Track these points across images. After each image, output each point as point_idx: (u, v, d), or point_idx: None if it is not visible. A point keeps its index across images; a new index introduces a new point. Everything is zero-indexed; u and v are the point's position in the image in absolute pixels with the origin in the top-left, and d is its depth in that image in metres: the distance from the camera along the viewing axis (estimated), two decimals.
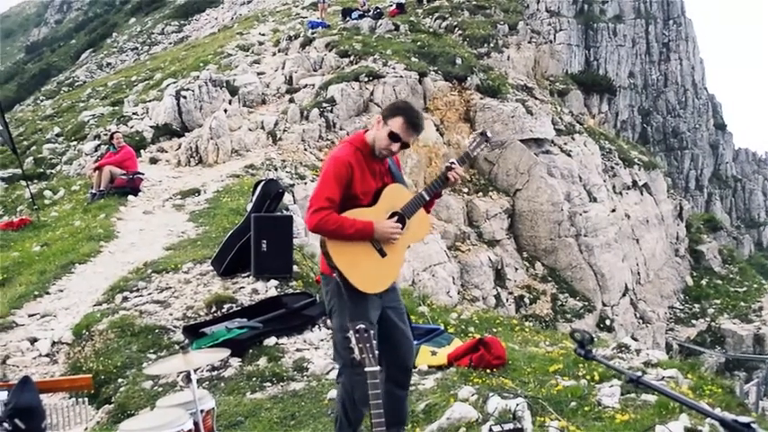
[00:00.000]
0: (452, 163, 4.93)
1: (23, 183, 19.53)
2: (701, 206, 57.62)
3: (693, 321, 30.37)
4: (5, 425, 4.00)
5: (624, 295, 27.18)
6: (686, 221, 36.50)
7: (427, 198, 4.93)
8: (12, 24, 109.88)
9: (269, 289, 9.78)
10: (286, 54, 29.58)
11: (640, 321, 27.54)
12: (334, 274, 4.79)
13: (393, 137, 4.80)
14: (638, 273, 29.63)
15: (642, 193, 32.41)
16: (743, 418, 2.45)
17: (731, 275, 34.65)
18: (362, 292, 4.75)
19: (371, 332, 3.94)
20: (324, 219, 4.63)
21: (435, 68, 27.18)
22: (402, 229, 4.85)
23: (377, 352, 3.89)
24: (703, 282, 33.36)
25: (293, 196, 16.37)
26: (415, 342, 7.89)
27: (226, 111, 22.82)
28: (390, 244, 4.81)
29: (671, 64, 61.55)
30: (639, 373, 2.82)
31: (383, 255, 4.80)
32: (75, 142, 24.57)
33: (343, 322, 4.76)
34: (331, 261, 4.74)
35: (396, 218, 4.84)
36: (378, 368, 3.85)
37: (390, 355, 4.90)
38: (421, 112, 5.01)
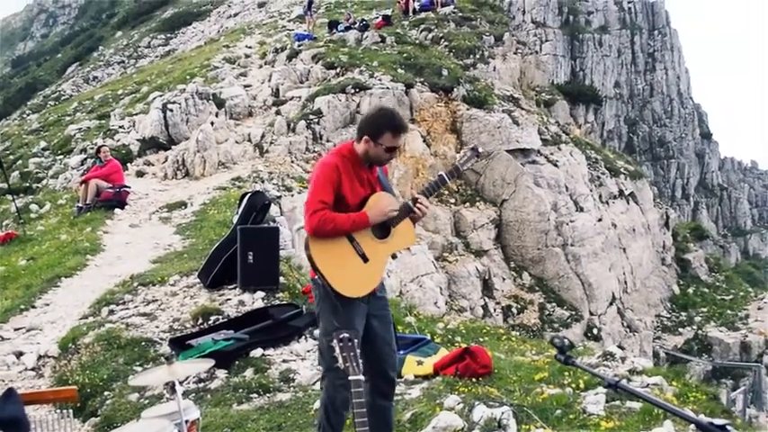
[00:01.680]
0: (419, 194, 5.01)
1: (9, 197, 19.46)
2: (688, 215, 57.82)
3: (680, 330, 30.46)
4: None
5: (611, 304, 27.26)
6: (673, 230, 36.62)
7: (413, 208, 4.98)
8: None
9: (255, 300, 9.78)
10: (272, 66, 29.62)
11: (628, 330, 27.60)
12: (316, 276, 4.85)
13: (390, 150, 4.94)
14: (625, 282, 29.72)
15: (628, 203, 32.54)
16: (718, 421, 2.49)
17: (718, 284, 34.79)
18: (349, 297, 4.79)
19: (355, 341, 3.97)
20: (322, 219, 4.71)
21: (422, 80, 27.26)
22: (387, 236, 4.91)
23: (361, 361, 3.91)
24: (690, 290, 33.48)
25: (280, 208, 16.37)
26: (402, 352, 7.96)
27: (212, 123, 22.84)
28: (373, 249, 4.86)
29: (656, 74, 61.81)
30: (617, 378, 2.85)
31: (365, 260, 4.85)
32: (61, 156, 24.55)
33: (328, 327, 4.82)
34: (314, 264, 4.79)
35: (380, 225, 4.90)
36: (361, 377, 3.87)
37: (373, 364, 4.94)
38: (395, 110, 5.11)
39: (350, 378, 3.86)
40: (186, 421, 4.51)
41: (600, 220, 28.29)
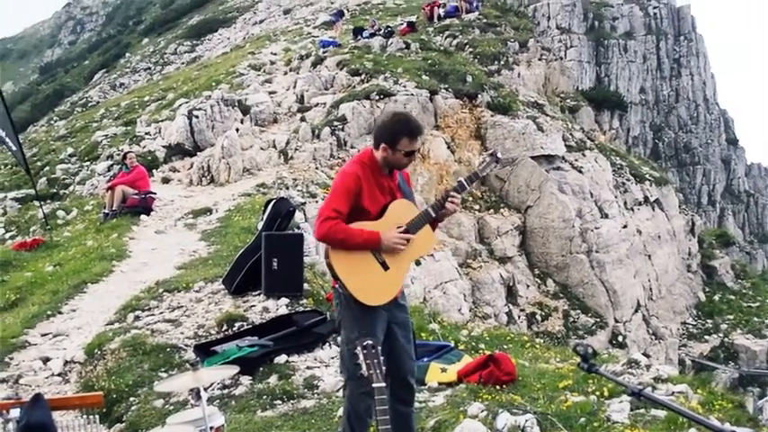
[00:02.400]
0: (453, 191, 5.01)
1: (36, 203, 19.65)
2: (714, 221, 57.33)
3: (706, 337, 30.20)
4: None
5: (636, 311, 27.08)
6: (698, 237, 36.33)
7: (433, 215, 4.99)
8: (26, 45, 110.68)
9: (279, 307, 9.81)
10: (297, 73, 29.69)
11: (653, 337, 27.42)
12: (337, 285, 4.87)
13: (408, 155, 4.95)
14: (651, 289, 29.51)
15: (654, 209, 32.31)
16: (741, 430, 2.48)
17: (744, 291, 34.44)
18: (368, 305, 4.80)
19: (379, 348, 3.98)
20: (332, 228, 4.73)
21: (446, 86, 27.23)
22: (408, 241, 4.92)
23: (384, 368, 3.93)
24: (716, 297, 33.18)
25: (304, 215, 16.42)
26: (425, 359, 7.97)
27: (237, 130, 22.92)
28: (394, 257, 4.87)
29: (682, 80, 61.37)
30: (641, 387, 2.85)
31: (386, 268, 4.86)
32: (88, 162, 24.73)
33: (350, 334, 4.83)
34: (334, 273, 4.81)
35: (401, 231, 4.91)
36: (384, 384, 3.89)
37: (393, 371, 4.95)
38: (409, 113, 5.14)
39: (373, 385, 3.87)
40: (211, 428, 4.54)
41: (625, 226, 28.12)
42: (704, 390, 7.12)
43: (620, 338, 25.10)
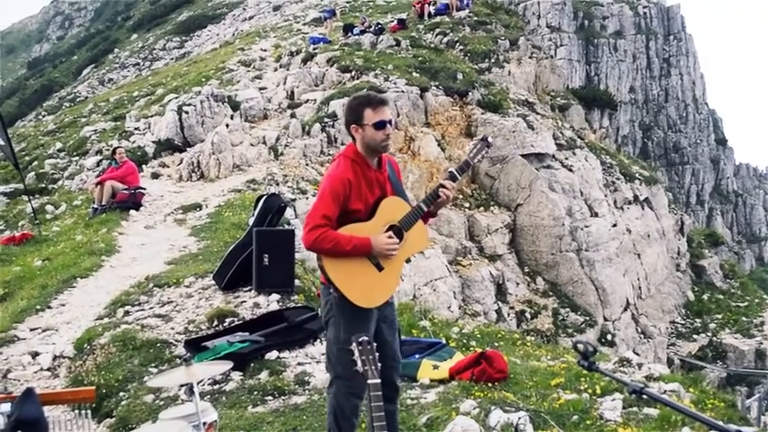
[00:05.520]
0: (445, 180, 4.94)
1: (25, 198, 19.55)
2: (703, 221, 57.60)
3: (695, 336, 30.30)
4: None
5: (625, 310, 27.14)
6: (687, 236, 36.47)
7: (425, 209, 4.91)
8: (14, 40, 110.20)
9: (270, 303, 9.78)
10: (287, 69, 29.67)
11: (642, 336, 27.49)
12: (327, 283, 4.81)
13: (378, 125, 4.80)
14: (640, 287, 29.60)
15: (643, 208, 32.40)
16: (747, 429, 2.46)
17: (732, 290, 34.57)
18: (362, 306, 4.75)
19: (374, 344, 3.95)
20: (320, 237, 4.62)
21: (436, 83, 27.24)
22: (399, 242, 4.84)
23: (379, 365, 3.90)
24: (705, 296, 33.30)
25: (295, 211, 16.38)
26: (417, 356, 7.95)
27: (227, 126, 22.87)
28: (388, 258, 4.81)
29: (671, 79, 61.63)
30: (642, 385, 2.82)
31: (380, 269, 4.78)
32: (76, 157, 24.65)
33: (339, 334, 4.78)
34: (327, 276, 4.73)
35: (393, 231, 4.83)
36: (379, 381, 3.86)
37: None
38: (370, 90, 5.02)
39: (369, 382, 3.84)
40: (204, 423, 4.51)
41: (614, 225, 28.18)
42: (696, 389, 7.14)
43: (609, 337, 25.15)
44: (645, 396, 2.73)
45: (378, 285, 4.85)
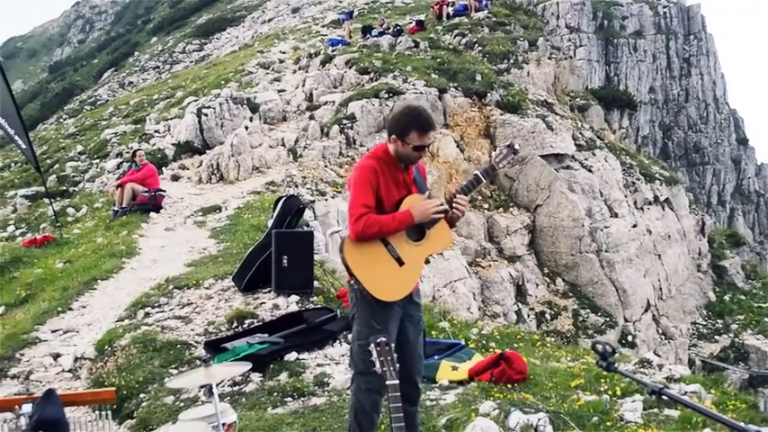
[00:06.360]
0: (460, 192, 4.96)
1: (46, 200, 19.67)
2: (724, 221, 57.12)
3: (716, 337, 30.08)
4: None
5: (646, 311, 26.99)
6: (708, 237, 36.20)
7: (449, 209, 4.94)
8: (35, 44, 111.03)
9: (290, 304, 9.80)
10: (306, 71, 29.70)
11: (663, 337, 27.32)
12: (352, 281, 4.83)
13: (418, 149, 4.86)
14: (660, 288, 29.42)
15: (664, 209, 32.20)
16: (767, 430, 2.44)
17: (754, 291, 34.28)
18: (385, 302, 4.77)
19: (392, 345, 3.95)
20: (366, 224, 4.69)
21: (455, 85, 27.20)
22: (422, 239, 4.88)
23: (398, 365, 3.90)
24: (726, 297, 33.04)
25: (314, 212, 16.41)
26: (436, 357, 7.94)
27: (247, 128, 22.93)
28: (409, 253, 4.83)
29: (692, 79, 61.15)
30: (661, 385, 2.81)
31: (401, 263, 4.81)
32: (97, 160, 24.79)
33: (363, 330, 4.80)
34: (349, 269, 4.76)
35: (415, 228, 4.87)
36: (397, 381, 3.86)
37: (400, 368, 4.91)
38: (422, 107, 5.03)
39: (387, 383, 3.84)
40: (224, 424, 4.52)
41: (635, 226, 28.03)
42: (717, 390, 7.09)
43: (629, 338, 25.02)
44: (665, 397, 2.72)
45: (398, 280, 4.88)
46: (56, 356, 9.06)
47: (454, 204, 4.91)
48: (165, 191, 18.47)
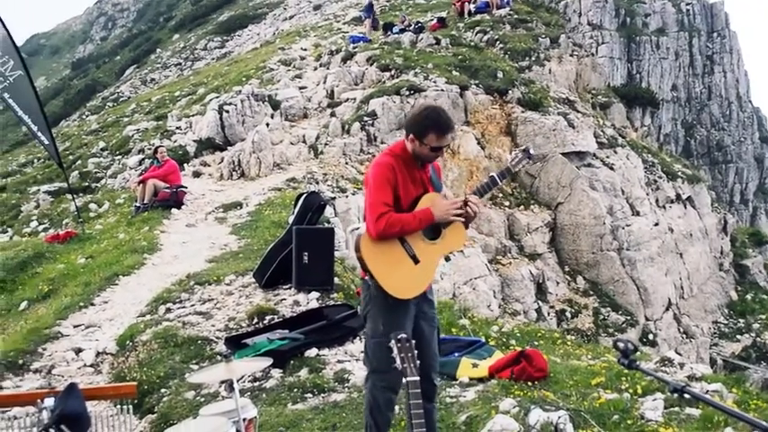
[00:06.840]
0: (475, 193, 4.98)
1: (69, 196, 19.80)
2: (746, 220, 56.78)
3: (738, 336, 29.87)
4: (52, 431, 4.05)
5: (667, 310, 26.84)
6: (731, 235, 35.94)
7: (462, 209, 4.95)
8: (58, 41, 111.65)
9: (310, 301, 9.82)
10: (327, 68, 29.71)
11: (684, 336, 27.17)
12: (366, 277, 4.84)
13: (435, 150, 4.88)
14: (682, 287, 29.25)
15: (686, 207, 32.02)
16: None
17: None
18: (397, 298, 4.78)
19: (413, 342, 3.95)
20: (388, 222, 4.71)
21: (476, 82, 27.13)
22: (438, 237, 4.90)
23: (418, 362, 3.90)
24: (748, 296, 32.80)
25: (334, 209, 16.42)
26: (456, 354, 7.94)
27: (268, 125, 22.99)
28: (425, 251, 4.84)
29: (715, 77, 60.82)
30: (683, 384, 2.79)
31: (416, 261, 4.83)
32: (119, 156, 24.95)
33: (376, 327, 4.82)
34: (365, 266, 4.78)
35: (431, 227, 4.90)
36: (418, 378, 3.85)
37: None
38: (441, 109, 5.04)
39: (407, 379, 3.84)
40: (244, 419, 4.53)
41: (656, 224, 27.87)
42: (739, 389, 7.03)
43: (650, 337, 24.89)
44: (686, 395, 2.70)
45: (413, 278, 4.89)
46: (78, 351, 9.12)
47: (468, 206, 4.91)
48: (186, 187, 18.55)
